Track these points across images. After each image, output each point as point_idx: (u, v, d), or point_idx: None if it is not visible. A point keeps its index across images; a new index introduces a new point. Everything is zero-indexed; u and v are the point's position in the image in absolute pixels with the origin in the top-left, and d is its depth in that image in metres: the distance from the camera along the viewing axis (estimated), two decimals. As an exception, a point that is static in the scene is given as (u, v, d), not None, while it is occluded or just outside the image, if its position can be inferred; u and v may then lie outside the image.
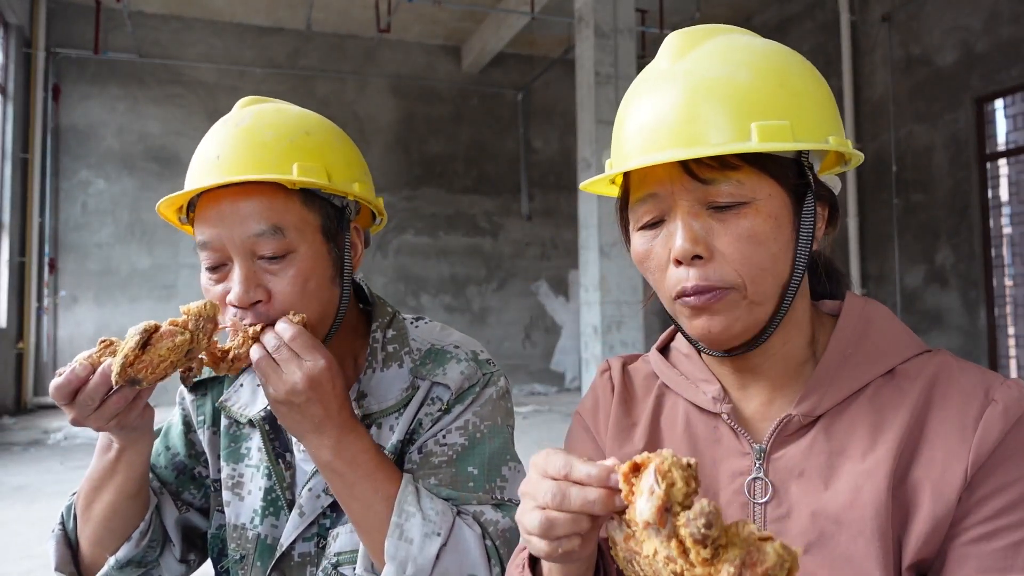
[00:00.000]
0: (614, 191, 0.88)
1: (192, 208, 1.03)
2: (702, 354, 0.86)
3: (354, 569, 1.02)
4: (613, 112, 6.78)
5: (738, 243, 0.73)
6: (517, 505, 1.05)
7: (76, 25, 9.12)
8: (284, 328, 0.94)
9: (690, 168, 0.73)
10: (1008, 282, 7.25)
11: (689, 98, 0.74)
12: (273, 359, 0.93)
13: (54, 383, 0.86)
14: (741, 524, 0.54)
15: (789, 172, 0.75)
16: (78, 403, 0.87)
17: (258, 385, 1.13)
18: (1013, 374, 7.09)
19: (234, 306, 0.97)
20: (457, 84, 10.85)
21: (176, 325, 0.88)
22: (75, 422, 0.89)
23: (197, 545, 1.17)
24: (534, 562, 0.79)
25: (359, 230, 1.10)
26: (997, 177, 7.31)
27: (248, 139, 0.98)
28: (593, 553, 0.72)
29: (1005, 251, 7.30)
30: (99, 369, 0.86)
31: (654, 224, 0.78)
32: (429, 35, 10.52)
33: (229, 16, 9.72)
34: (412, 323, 1.17)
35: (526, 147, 11.07)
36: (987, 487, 0.69)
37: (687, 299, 0.75)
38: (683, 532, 0.53)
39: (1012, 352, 7.15)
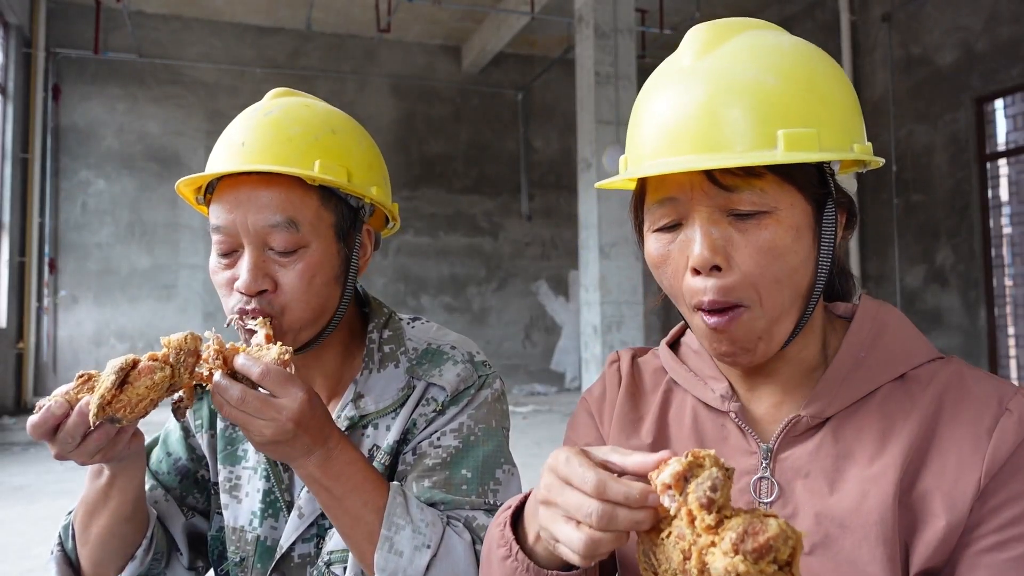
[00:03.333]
0: (630, 184, 0.85)
1: (211, 190, 1.03)
2: None
3: (344, 569, 1.01)
4: (613, 112, 6.78)
5: (757, 255, 0.71)
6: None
7: (76, 25, 9.12)
8: (249, 366, 0.86)
9: (712, 174, 0.70)
10: (1008, 282, 7.25)
11: (713, 100, 0.71)
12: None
13: (31, 421, 0.83)
14: (751, 507, 0.55)
15: (812, 180, 0.73)
16: (58, 441, 0.83)
17: None
18: (1013, 374, 7.09)
19: (240, 292, 0.96)
20: (457, 84, 10.84)
21: (156, 360, 0.84)
22: (58, 457, 0.85)
23: (202, 552, 1.16)
24: (515, 524, 0.77)
25: (371, 232, 1.11)
26: (997, 177, 7.32)
27: (275, 130, 0.99)
28: None
29: (1005, 251, 7.30)
30: (76, 407, 0.82)
31: (671, 228, 0.75)
32: (429, 35, 10.51)
33: (229, 16, 9.72)
34: (408, 323, 1.17)
35: (526, 147, 11.07)
36: (1000, 496, 0.68)
37: (705, 317, 0.73)
38: (691, 498, 0.54)
39: (1012, 352, 7.15)
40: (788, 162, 0.68)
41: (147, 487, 1.10)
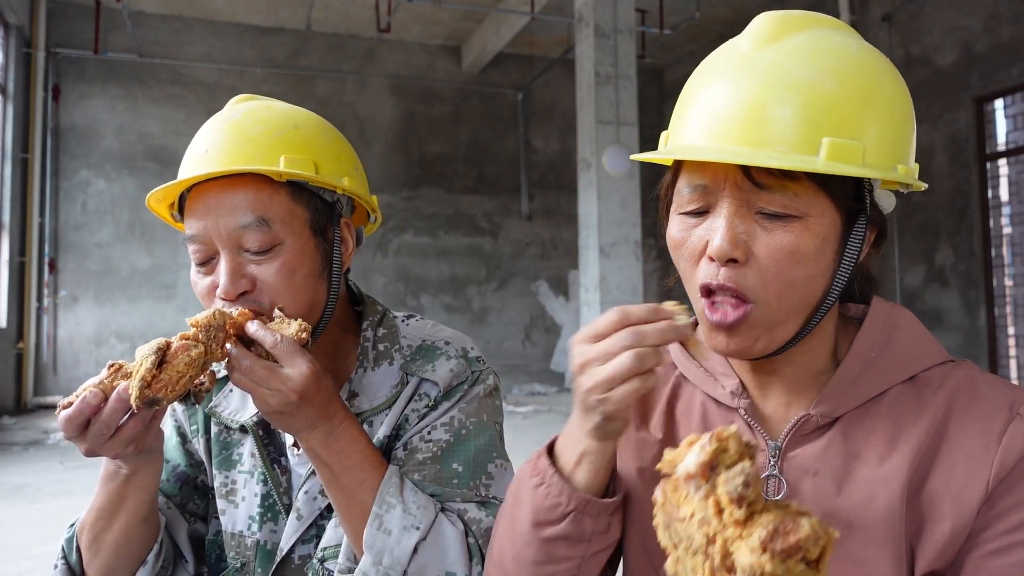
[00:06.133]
0: (667, 159, 0.83)
1: (183, 204, 1.03)
2: None
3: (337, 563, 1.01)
4: (613, 112, 6.79)
5: (777, 255, 0.70)
6: (502, 504, 1.05)
7: (76, 25, 9.12)
8: (263, 336, 0.90)
9: (748, 170, 0.70)
10: (1008, 282, 7.25)
11: (764, 94, 0.69)
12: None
13: (64, 415, 0.83)
14: (784, 501, 0.55)
15: (848, 193, 0.72)
16: (91, 433, 0.84)
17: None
18: (1013, 374, 7.09)
19: (222, 299, 0.96)
20: (457, 84, 10.84)
21: (187, 339, 0.86)
22: (89, 453, 0.85)
23: (205, 558, 1.15)
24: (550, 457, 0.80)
25: (350, 226, 1.10)
26: (997, 177, 7.32)
27: (236, 133, 1.00)
28: (613, 457, 0.78)
29: (1005, 251, 7.30)
30: (114, 393, 0.83)
31: (697, 213, 0.75)
32: (429, 35, 10.51)
33: (229, 16, 9.72)
34: (403, 321, 1.17)
35: (526, 147, 11.07)
36: (1007, 501, 0.68)
37: (709, 312, 0.73)
38: (720, 490, 0.54)
39: (1012, 352, 7.15)
40: (827, 172, 0.67)
41: None
